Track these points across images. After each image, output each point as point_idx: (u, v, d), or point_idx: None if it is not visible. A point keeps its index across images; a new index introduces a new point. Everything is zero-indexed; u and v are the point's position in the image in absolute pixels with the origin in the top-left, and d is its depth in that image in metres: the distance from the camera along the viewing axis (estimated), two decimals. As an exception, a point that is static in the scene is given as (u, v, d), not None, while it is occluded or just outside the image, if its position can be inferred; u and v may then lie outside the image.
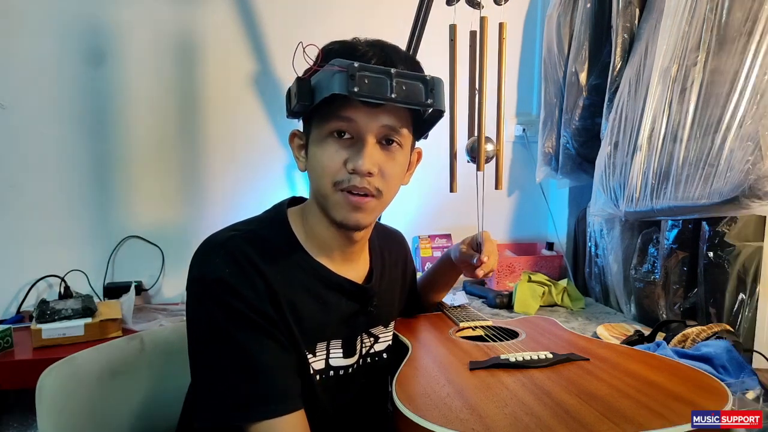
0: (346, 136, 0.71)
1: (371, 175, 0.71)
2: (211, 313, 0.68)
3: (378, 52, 0.70)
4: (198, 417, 0.67)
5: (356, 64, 0.65)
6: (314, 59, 0.70)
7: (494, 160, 1.17)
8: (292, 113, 0.76)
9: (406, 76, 0.68)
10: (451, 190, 1.20)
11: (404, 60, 0.72)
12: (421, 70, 0.75)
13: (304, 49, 0.69)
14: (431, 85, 0.70)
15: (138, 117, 1.73)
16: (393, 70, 0.67)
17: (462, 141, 1.18)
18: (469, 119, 1.18)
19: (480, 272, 0.98)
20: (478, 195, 1.10)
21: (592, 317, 1.52)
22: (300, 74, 0.72)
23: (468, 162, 1.19)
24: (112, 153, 1.72)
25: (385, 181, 0.73)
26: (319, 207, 0.76)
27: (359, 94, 0.65)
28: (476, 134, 1.14)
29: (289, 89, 0.74)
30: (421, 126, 0.81)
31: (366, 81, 0.65)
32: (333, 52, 0.70)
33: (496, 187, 1.18)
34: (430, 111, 0.76)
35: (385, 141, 0.73)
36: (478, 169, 1.14)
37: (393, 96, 0.67)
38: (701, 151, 1.12)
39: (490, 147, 1.15)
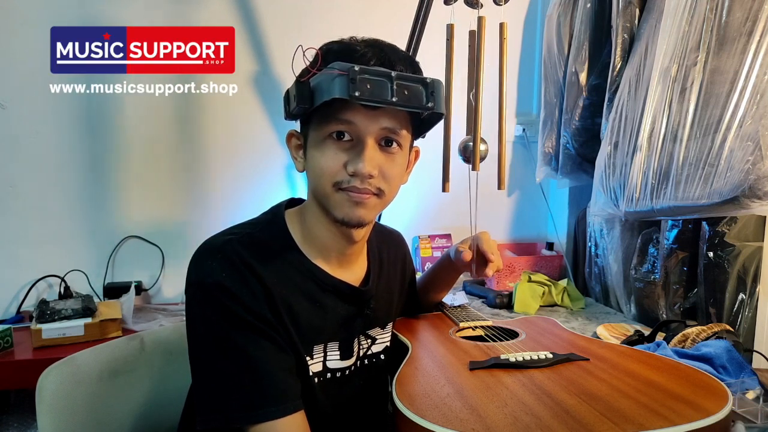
0: (346, 138, 0.71)
1: (372, 177, 0.71)
2: (210, 316, 0.68)
3: (377, 53, 0.70)
4: (199, 419, 0.68)
5: (357, 68, 0.64)
6: (312, 60, 0.70)
7: (496, 159, 1.17)
8: (290, 115, 0.75)
9: (407, 79, 0.68)
10: (444, 190, 1.20)
11: (403, 60, 0.72)
12: (420, 70, 0.75)
13: (303, 52, 0.69)
14: (431, 88, 0.69)
15: (138, 117, 1.73)
16: (394, 73, 0.67)
17: (458, 141, 1.18)
18: (467, 119, 1.18)
19: (489, 271, 0.98)
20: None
21: (592, 317, 1.52)
22: (298, 76, 0.72)
23: (461, 161, 1.19)
24: (111, 152, 1.72)
25: (387, 182, 0.73)
26: (319, 207, 0.76)
27: (360, 98, 0.65)
28: (472, 134, 1.14)
29: (288, 91, 0.74)
30: (420, 126, 0.80)
31: (368, 85, 0.65)
32: (331, 53, 0.70)
33: (499, 187, 1.18)
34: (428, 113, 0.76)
35: (385, 142, 0.73)
36: (473, 168, 1.14)
37: (394, 99, 0.66)
38: (701, 151, 1.12)
39: (483, 147, 1.15)
